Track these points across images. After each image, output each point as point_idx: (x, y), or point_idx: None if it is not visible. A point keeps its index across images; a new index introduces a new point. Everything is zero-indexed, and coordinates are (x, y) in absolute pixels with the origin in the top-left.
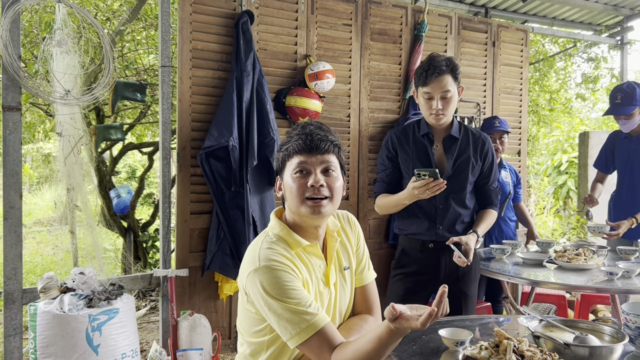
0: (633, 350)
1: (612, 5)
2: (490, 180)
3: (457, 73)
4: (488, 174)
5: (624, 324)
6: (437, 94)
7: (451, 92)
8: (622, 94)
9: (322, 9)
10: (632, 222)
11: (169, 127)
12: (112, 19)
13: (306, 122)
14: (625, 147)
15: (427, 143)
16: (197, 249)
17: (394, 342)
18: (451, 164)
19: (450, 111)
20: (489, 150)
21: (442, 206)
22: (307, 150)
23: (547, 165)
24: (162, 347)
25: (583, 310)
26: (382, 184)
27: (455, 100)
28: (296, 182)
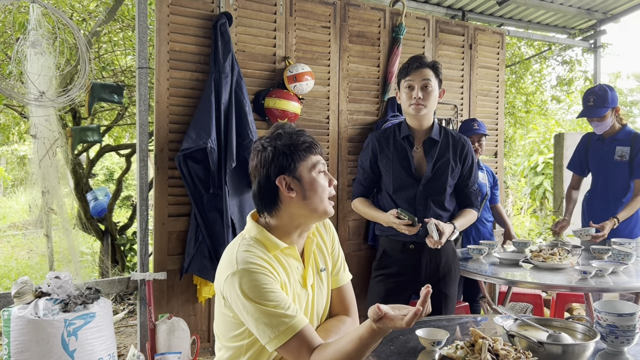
0: (605, 348)
1: (586, 10)
2: (470, 182)
3: (438, 71)
4: (468, 176)
5: (596, 321)
6: (418, 83)
7: (432, 85)
8: (595, 96)
9: (301, 11)
10: (614, 222)
11: (146, 129)
12: (88, 20)
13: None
14: (599, 148)
15: (407, 146)
16: (176, 252)
17: (375, 342)
18: (431, 166)
19: (430, 105)
20: (468, 153)
21: (421, 208)
22: (318, 152)
23: (524, 166)
24: (140, 351)
25: (558, 308)
26: (360, 186)
27: (436, 95)
28: (324, 181)
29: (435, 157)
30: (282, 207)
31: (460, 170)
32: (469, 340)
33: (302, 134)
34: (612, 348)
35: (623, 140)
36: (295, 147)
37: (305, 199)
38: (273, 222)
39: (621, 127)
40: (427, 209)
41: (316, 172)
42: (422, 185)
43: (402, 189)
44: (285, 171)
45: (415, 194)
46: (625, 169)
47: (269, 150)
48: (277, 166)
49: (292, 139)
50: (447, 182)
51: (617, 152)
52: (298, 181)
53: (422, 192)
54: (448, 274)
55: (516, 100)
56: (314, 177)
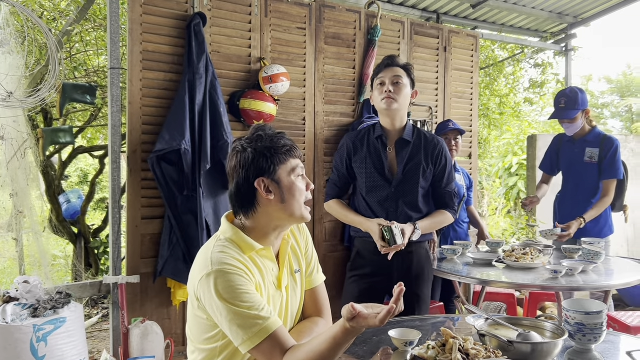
0: (573, 345)
1: (557, 14)
2: (444, 183)
3: (410, 71)
4: (441, 177)
5: (565, 320)
6: (389, 79)
7: (403, 81)
8: (566, 98)
9: (276, 12)
10: (580, 222)
11: (118, 130)
12: (59, 19)
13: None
14: (569, 150)
15: (381, 146)
16: (149, 254)
17: (348, 341)
18: (402, 168)
19: (401, 100)
20: (441, 153)
21: (393, 210)
22: (297, 156)
23: (499, 168)
24: (113, 355)
25: (531, 307)
26: (335, 187)
27: (407, 93)
28: (302, 185)
29: (407, 158)
30: (259, 209)
31: (433, 171)
32: (440, 340)
33: (283, 137)
34: (580, 346)
35: (592, 142)
36: (276, 150)
37: (283, 202)
38: (249, 223)
39: (591, 129)
40: (399, 211)
41: (295, 176)
42: (394, 187)
43: (375, 190)
44: (264, 174)
45: (387, 195)
46: (595, 171)
47: (249, 151)
48: (257, 168)
49: (273, 142)
50: (419, 184)
51: (587, 154)
52: (277, 184)
53: (394, 194)
54: (421, 275)
55: (490, 102)
56: (293, 181)
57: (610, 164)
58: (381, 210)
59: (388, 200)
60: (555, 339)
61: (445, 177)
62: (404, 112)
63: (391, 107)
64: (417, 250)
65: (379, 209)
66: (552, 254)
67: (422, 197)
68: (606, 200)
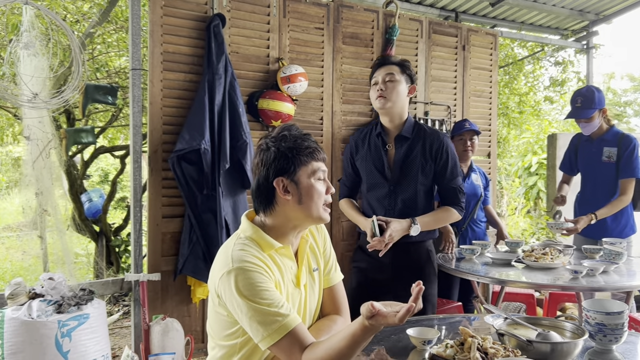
0: (593, 346)
1: (578, 11)
2: (447, 178)
3: (405, 67)
4: (443, 172)
5: (585, 320)
6: (381, 78)
7: (396, 78)
8: (582, 97)
9: (294, 13)
10: (591, 217)
11: (139, 130)
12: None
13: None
14: (587, 149)
15: (381, 144)
16: (169, 252)
17: (367, 339)
18: (399, 164)
19: (394, 98)
20: (441, 147)
21: (391, 207)
22: (320, 159)
23: (518, 167)
24: (135, 352)
25: (551, 308)
26: (344, 187)
27: (401, 90)
28: (322, 188)
29: (404, 154)
30: (277, 208)
31: (434, 167)
32: (459, 339)
33: (307, 138)
34: (601, 346)
35: (610, 141)
36: (298, 152)
37: (300, 203)
38: (268, 221)
39: (609, 127)
40: (396, 208)
41: (315, 179)
42: (392, 184)
43: (374, 188)
44: (284, 173)
45: (386, 192)
46: (613, 170)
47: (272, 150)
48: (277, 167)
49: (297, 143)
50: (418, 180)
51: (605, 153)
52: (295, 185)
53: (393, 191)
54: (420, 274)
55: (509, 101)
56: (312, 183)
57: (628, 163)
58: (380, 207)
59: (387, 197)
60: (575, 339)
61: (448, 173)
62: (400, 109)
63: (384, 106)
64: (417, 248)
65: (378, 206)
66: (572, 254)
67: (423, 194)
68: (623, 199)
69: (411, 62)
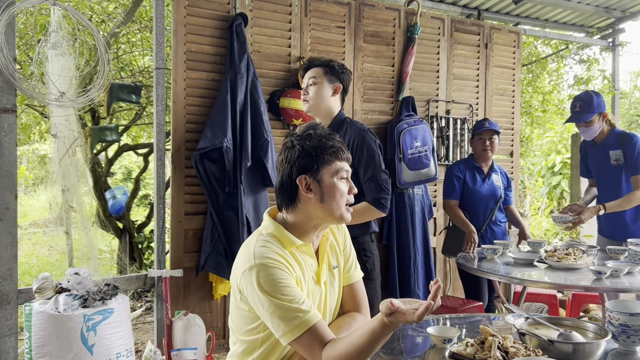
0: (616, 347)
1: (604, 8)
2: (363, 173)
3: (329, 67)
4: (359, 167)
5: (608, 321)
6: (305, 82)
7: (317, 81)
8: (581, 102)
9: (316, 12)
10: (598, 208)
11: (163, 128)
12: (107, 21)
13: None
14: (594, 154)
15: None
16: (192, 249)
17: (386, 335)
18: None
19: (315, 99)
20: (354, 143)
21: None
22: (344, 159)
23: (541, 166)
24: (157, 346)
25: (574, 309)
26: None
27: (322, 90)
28: (344, 187)
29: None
30: (299, 206)
31: (352, 163)
32: (479, 338)
33: (332, 138)
34: (624, 347)
35: (613, 144)
36: (322, 151)
37: (322, 202)
38: (290, 218)
39: (610, 129)
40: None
41: (337, 178)
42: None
43: None
44: (307, 172)
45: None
46: (624, 172)
47: (296, 148)
48: (301, 165)
49: (321, 142)
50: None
51: (612, 157)
52: (318, 183)
53: None
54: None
55: (533, 99)
56: (334, 183)
57: (635, 160)
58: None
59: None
60: (598, 340)
61: (363, 167)
62: (326, 108)
63: (308, 109)
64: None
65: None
66: (596, 254)
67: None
68: (637, 194)
69: (433, 60)
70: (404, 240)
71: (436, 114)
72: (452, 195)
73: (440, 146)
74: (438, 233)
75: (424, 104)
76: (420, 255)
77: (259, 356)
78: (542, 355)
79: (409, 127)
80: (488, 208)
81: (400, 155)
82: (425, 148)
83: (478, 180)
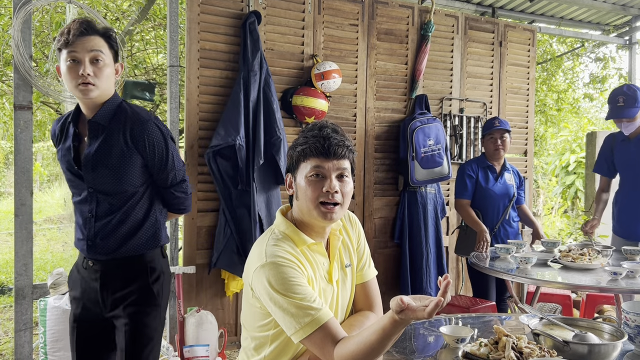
0: (633, 349)
1: (621, 5)
2: (156, 174)
3: (112, 40)
4: (152, 166)
5: (624, 322)
6: (85, 56)
7: (103, 58)
8: (624, 96)
9: (329, 9)
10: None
11: (176, 126)
12: (121, 19)
13: (322, 123)
14: (625, 149)
15: (73, 134)
16: (204, 246)
17: (397, 332)
18: (91, 159)
19: (103, 84)
20: (143, 134)
21: (91, 215)
22: (325, 155)
23: (555, 165)
24: (170, 342)
25: (588, 310)
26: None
27: (110, 73)
28: (311, 186)
29: (97, 146)
30: (295, 202)
31: (143, 160)
32: (493, 338)
33: (324, 136)
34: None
35: None
36: (304, 149)
37: (297, 199)
38: (296, 216)
39: None
40: (100, 217)
41: (309, 176)
42: (92, 186)
43: (75, 193)
44: (290, 170)
45: (86, 197)
46: None
47: (296, 146)
48: (290, 163)
49: (308, 142)
50: (125, 180)
51: None
52: (295, 182)
53: (94, 195)
54: (134, 302)
55: (547, 98)
56: (303, 183)
57: None
58: (83, 216)
59: (87, 202)
60: (614, 341)
61: (156, 166)
62: (104, 93)
63: (89, 95)
64: (130, 264)
65: (81, 214)
66: (611, 255)
67: (131, 196)
68: None
69: (447, 58)
70: (416, 239)
71: (449, 112)
72: (463, 195)
73: (454, 144)
74: (451, 232)
75: (438, 102)
76: (433, 254)
77: (270, 352)
78: (556, 356)
79: (422, 125)
80: (501, 207)
81: (413, 154)
82: (438, 146)
83: (491, 179)
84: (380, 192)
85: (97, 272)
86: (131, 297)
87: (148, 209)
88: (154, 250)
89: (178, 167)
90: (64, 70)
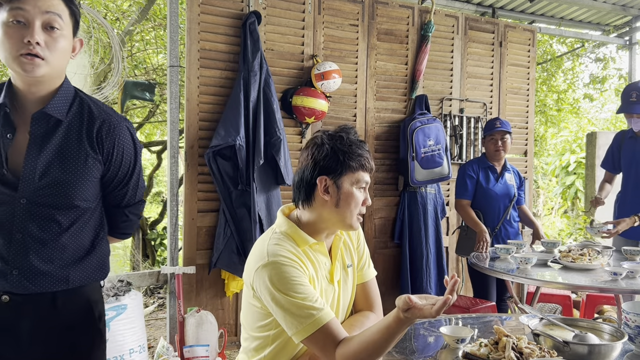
0: (633, 349)
1: (621, 5)
2: (118, 196)
3: (74, 7)
4: (118, 184)
5: (624, 322)
6: (37, 18)
7: (61, 24)
8: (638, 92)
9: (329, 9)
10: (634, 220)
11: (176, 126)
12: (121, 19)
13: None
14: (631, 146)
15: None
16: (204, 246)
17: (401, 331)
18: (36, 163)
19: (55, 59)
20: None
21: (20, 236)
22: (368, 170)
23: (555, 166)
24: (169, 343)
25: (588, 310)
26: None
27: (67, 46)
28: (360, 197)
29: (49, 146)
30: (314, 205)
31: (105, 171)
32: (493, 338)
33: (362, 147)
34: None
35: None
36: (350, 157)
37: (337, 206)
38: (304, 216)
39: None
40: (27, 238)
41: (357, 187)
42: (26, 198)
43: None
44: (329, 173)
45: (14, 212)
46: None
47: (325, 147)
48: (325, 166)
49: (351, 149)
50: (77, 191)
51: None
52: (337, 188)
53: (26, 208)
54: (73, 342)
55: (547, 98)
56: (353, 191)
57: None
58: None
59: (15, 219)
60: (614, 342)
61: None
62: (57, 74)
63: (36, 73)
64: (68, 300)
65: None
66: (611, 255)
67: (79, 211)
68: None
69: (447, 58)
70: (416, 239)
71: (450, 113)
72: (464, 195)
73: (454, 145)
74: (451, 232)
75: (438, 103)
76: (433, 254)
77: (270, 352)
78: (556, 357)
79: (422, 126)
80: (502, 207)
81: (413, 154)
82: (438, 147)
83: (491, 180)
84: (380, 192)
85: (18, 310)
86: (75, 341)
87: (97, 231)
88: (95, 283)
89: (140, 185)
90: (0, 32)
